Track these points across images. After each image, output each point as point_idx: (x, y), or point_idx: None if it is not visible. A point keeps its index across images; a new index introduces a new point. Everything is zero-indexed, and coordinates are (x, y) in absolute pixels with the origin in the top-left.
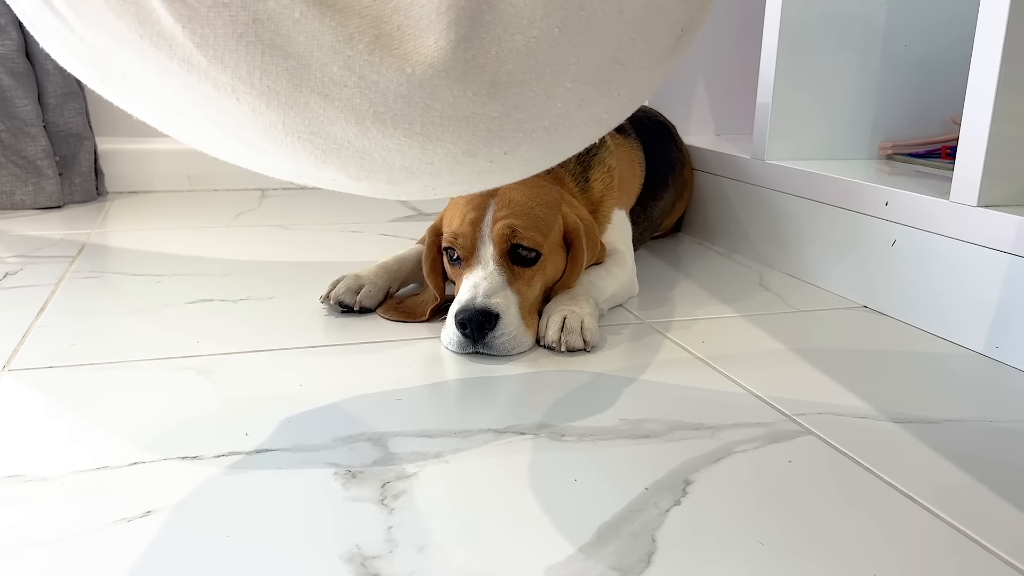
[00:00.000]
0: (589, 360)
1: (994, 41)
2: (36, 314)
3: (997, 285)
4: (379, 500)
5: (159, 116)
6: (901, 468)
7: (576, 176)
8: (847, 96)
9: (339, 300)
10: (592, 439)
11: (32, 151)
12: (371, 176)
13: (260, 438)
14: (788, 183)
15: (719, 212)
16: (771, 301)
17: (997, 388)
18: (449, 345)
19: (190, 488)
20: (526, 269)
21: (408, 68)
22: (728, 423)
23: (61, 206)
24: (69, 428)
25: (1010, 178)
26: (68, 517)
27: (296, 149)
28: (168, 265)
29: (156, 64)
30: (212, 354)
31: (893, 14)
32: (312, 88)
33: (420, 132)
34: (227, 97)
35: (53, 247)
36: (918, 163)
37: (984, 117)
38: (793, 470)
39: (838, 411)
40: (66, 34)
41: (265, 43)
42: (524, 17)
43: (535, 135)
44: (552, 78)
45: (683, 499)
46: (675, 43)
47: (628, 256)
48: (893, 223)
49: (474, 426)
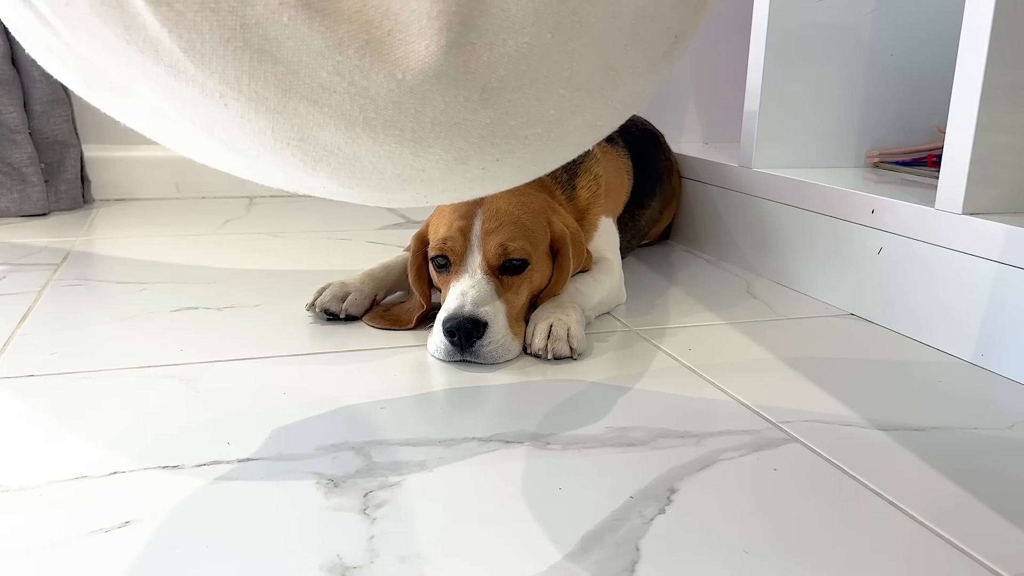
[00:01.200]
0: (576, 368)
1: (978, 51)
2: (18, 322)
3: (983, 293)
4: (361, 510)
5: (147, 122)
6: (887, 476)
7: (563, 184)
8: (834, 105)
9: (325, 308)
10: (577, 447)
11: (17, 158)
12: (362, 183)
13: (242, 447)
14: (775, 191)
15: (707, 220)
16: (758, 309)
17: (983, 396)
18: (436, 353)
19: (170, 498)
20: (513, 277)
21: (399, 74)
22: (714, 431)
23: (46, 213)
24: (48, 437)
25: (994, 186)
26: (46, 527)
27: (285, 156)
28: (153, 273)
29: (143, 70)
30: (195, 362)
31: (879, 24)
32: (301, 94)
33: (411, 138)
34: (215, 103)
35: (37, 255)
36: (904, 171)
37: (968, 126)
38: (778, 478)
39: (824, 419)
40: (51, 39)
41: (253, 48)
42: (516, 22)
43: (528, 142)
44: (545, 84)
45: (668, 507)
46: (669, 49)
47: (615, 264)
48: (879, 231)
49: (459, 435)
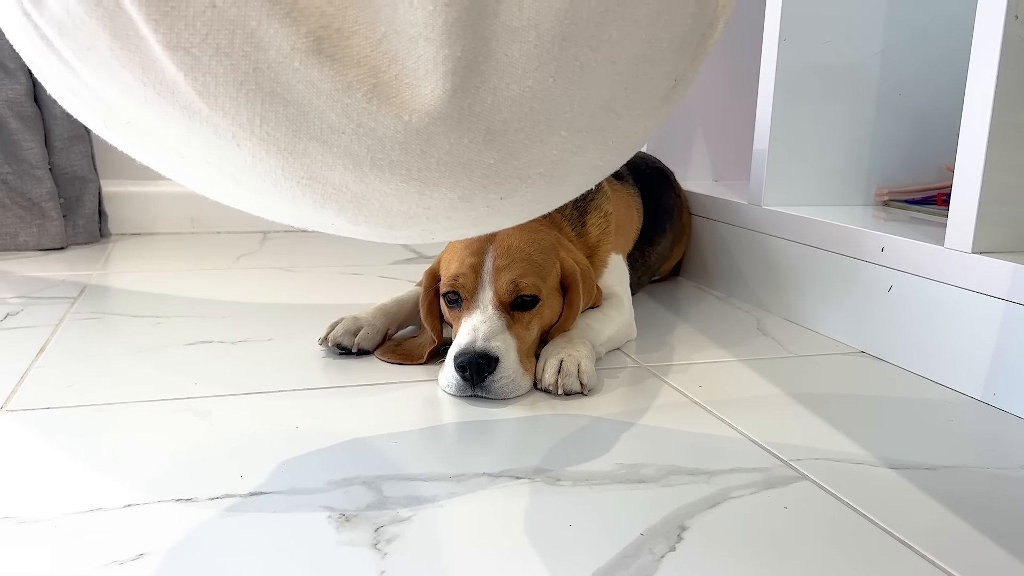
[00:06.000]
0: (586, 404)
1: (985, 90)
2: (35, 355)
3: (993, 331)
4: (372, 544)
5: (162, 160)
6: (898, 515)
7: (573, 221)
8: (843, 143)
9: (337, 342)
10: (588, 484)
11: (37, 193)
12: (369, 220)
13: (255, 480)
14: (785, 228)
15: (717, 257)
16: (769, 346)
17: (995, 434)
18: (447, 388)
19: (183, 530)
20: (524, 313)
21: (405, 116)
22: (724, 468)
23: (64, 247)
24: (64, 469)
25: (1004, 224)
26: (61, 559)
27: (295, 194)
28: (168, 307)
29: (159, 111)
30: (209, 396)
31: (887, 64)
32: (311, 135)
33: (417, 178)
34: (228, 143)
35: (55, 288)
36: (914, 210)
37: (977, 165)
38: (789, 516)
39: (835, 457)
40: (72, 81)
41: (265, 91)
42: (519, 67)
43: (531, 181)
44: (547, 126)
45: (678, 545)
46: (669, 92)
47: (625, 300)
48: (889, 269)
49: (469, 470)
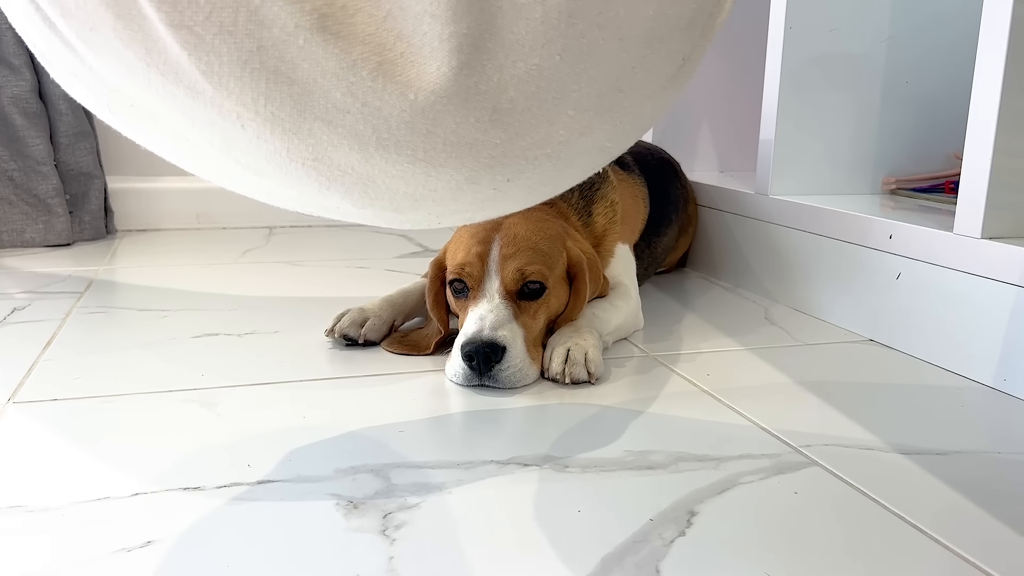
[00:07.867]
0: (594, 392)
1: (993, 76)
2: (43, 348)
3: (1003, 317)
4: (381, 531)
5: (166, 145)
6: (908, 499)
7: (579, 211)
8: (849, 132)
9: (344, 333)
10: (596, 470)
11: (43, 190)
12: (375, 203)
13: (262, 469)
14: (792, 218)
15: (724, 247)
16: (777, 335)
17: (1005, 420)
18: (454, 378)
19: (191, 518)
20: (531, 302)
21: (411, 94)
22: (733, 455)
23: (71, 243)
24: (72, 459)
25: (1013, 210)
26: (70, 547)
27: (300, 176)
28: (175, 300)
29: (163, 92)
30: (216, 387)
31: (894, 52)
32: (316, 115)
33: (423, 159)
34: (232, 124)
35: (61, 283)
36: (921, 197)
37: (986, 150)
38: (799, 501)
39: (844, 443)
40: (76, 65)
41: (269, 70)
42: (526, 44)
43: (538, 162)
44: (554, 105)
45: (688, 530)
46: (676, 72)
47: (632, 289)
48: (898, 256)
49: (477, 458)
